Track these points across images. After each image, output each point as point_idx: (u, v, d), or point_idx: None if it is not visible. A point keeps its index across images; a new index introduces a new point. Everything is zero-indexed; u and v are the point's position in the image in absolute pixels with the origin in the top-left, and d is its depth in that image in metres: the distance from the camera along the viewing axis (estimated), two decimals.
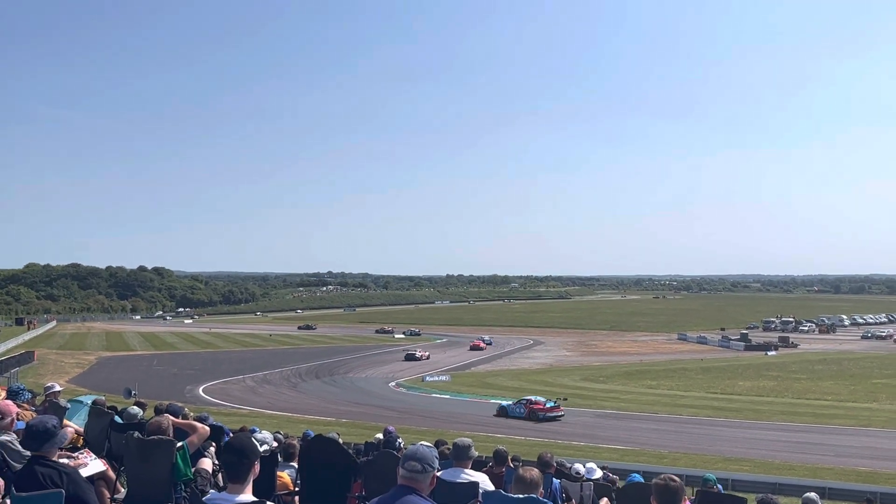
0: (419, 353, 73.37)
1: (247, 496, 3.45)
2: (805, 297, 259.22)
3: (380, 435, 15.66)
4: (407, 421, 37.08)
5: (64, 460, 5.07)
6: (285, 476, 6.88)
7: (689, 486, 12.73)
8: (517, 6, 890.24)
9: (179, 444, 5.31)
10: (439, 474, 4.62)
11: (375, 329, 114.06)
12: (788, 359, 72.94)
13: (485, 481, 5.46)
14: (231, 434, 7.55)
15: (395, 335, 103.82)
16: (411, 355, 72.75)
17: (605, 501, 8.22)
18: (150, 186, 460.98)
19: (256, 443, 4.18)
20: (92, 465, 5.82)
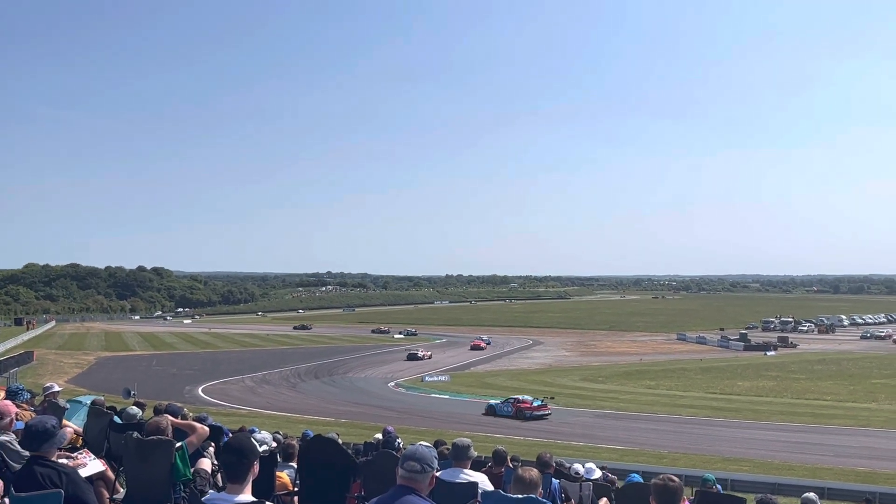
0: (421, 353, 73.38)
1: (246, 496, 3.45)
2: (804, 297, 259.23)
3: (379, 435, 15.63)
4: (406, 421, 37.06)
5: (63, 460, 5.07)
6: (284, 476, 6.88)
7: (688, 486, 12.74)
8: (516, 6, 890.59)
9: (178, 445, 5.31)
10: (438, 474, 4.63)
11: (372, 329, 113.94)
12: (787, 359, 72.92)
13: (484, 481, 5.46)
14: (230, 434, 7.55)
15: (394, 335, 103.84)
16: (413, 355, 72.75)
17: (604, 501, 8.22)
18: (150, 186, 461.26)
19: (255, 443, 4.19)
20: (91, 465, 5.83)
